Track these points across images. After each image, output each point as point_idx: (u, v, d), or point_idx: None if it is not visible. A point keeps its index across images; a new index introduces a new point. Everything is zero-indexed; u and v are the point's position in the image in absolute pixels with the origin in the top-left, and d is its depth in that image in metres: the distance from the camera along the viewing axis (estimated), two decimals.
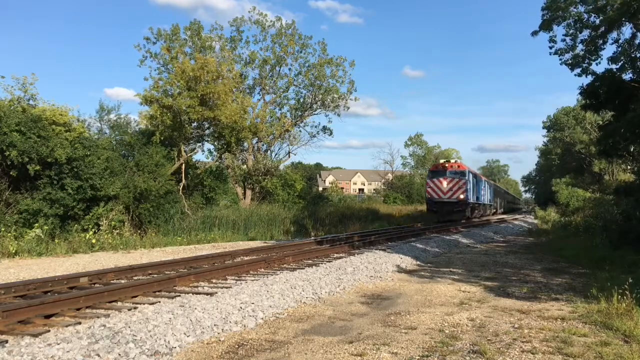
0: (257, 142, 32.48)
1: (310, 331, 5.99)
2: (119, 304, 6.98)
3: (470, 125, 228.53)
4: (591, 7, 16.96)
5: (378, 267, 10.98)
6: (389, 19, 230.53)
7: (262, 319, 6.48)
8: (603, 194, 35.52)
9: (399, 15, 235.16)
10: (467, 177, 29.43)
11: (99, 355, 4.61)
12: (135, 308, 6.50)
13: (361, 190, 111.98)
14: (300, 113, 33.56)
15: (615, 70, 17.29)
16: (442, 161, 31.45)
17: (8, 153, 17.18)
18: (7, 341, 5.01)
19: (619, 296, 6.73)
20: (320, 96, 32.51)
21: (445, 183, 28.87)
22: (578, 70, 18.21)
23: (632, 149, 19.75)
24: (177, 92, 23.42)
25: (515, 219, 44.65)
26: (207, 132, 27.17)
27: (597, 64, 17.79)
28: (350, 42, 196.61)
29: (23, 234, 16.37)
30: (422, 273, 11.05)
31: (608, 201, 25.85)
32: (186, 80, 23.48)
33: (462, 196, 28.64)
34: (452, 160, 31.60)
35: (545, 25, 18.25)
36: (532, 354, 5.07)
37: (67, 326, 5.63)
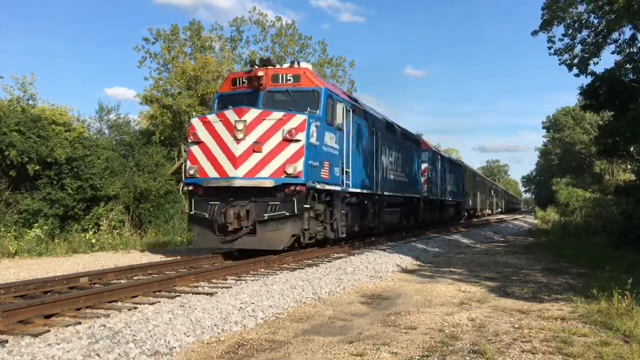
0: None
1: (310, 331, 5.99)
2: (119, 304, 6.98)
3: (471, 125, 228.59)
4: (591, 6, 16.97)
5: (378, 267, 10.98)
6: (390, 18, 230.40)
7: (262, 319, 6.48)
8: (603, 194, 35.51)
9: (400, 14, 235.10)
10: (321, 110, 11.34)
11: (99, 355, 4.61)
12: (135, 308, 6.50)
13: None
14: None
15: (615, 70, 17.31)
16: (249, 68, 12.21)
17: (8, 153, 17.19)
18: (7, 341, 5.00)
19: (619, 296, 6.72)
20: None
21: (240, 127, 10.58)
22: (576, 71, 18.24)
23: (632, 149, 19.78)
24: (177, 91, 23.43)
25: (515, 219, 44.69)
26: None
27: (595, 64, 17.81)
28: (352, 42, 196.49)
29: (23, 234, 16.38)
30: (423, 273, 11.05)
31: (608, 201, 25.87)
32: (186, 80, 23.50)
33: (293, 169, 10.35)
34: (286, 65, 12.40)
35: (545, 25, 18.27)
36: (532, 354, 5.07)
37: (67, 326, 5.63)
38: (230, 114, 10.85)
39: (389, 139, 16.79)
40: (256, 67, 11.87)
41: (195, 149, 11.18)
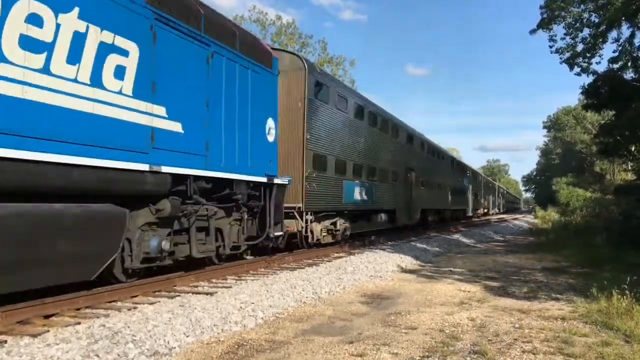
0: None
1: (310, 331, 5.98)
2: (119, 303, 6.96)
3: (472, 124, 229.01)
4: (591, 5, 16.96)
5: (378, 267, 10.97)
6: (391, 17, 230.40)
7: (262, 318, 6.46)
8: (604, 194, 35.51)
9: (401, 13, 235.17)
10: None
11: (98, 356, 4.59)
12: (134, 308, 6.48)
13: None
14: None
15: (616, 69, 17.30)
16: None
17: None
18: (6, 341, 4.99)
19: (620, 296, 6.72)
20: None
21: None
22: (578, 70, 18.24)
23: (632, 149, 19.77)
24: None
25: (516, 219, 44.68)
26: None
27: (597, 64, 17.80)
28: (354, 40, 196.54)
29: None
30: (423, 272, 11.05)
31: (608, 201, 25.87)
32: None
33: None
34: None
35: (545, 24, 18.26)
36: (533, 354, 5.05)
37: (66, 326, 5.61)
38: None
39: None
40: None
41: None
